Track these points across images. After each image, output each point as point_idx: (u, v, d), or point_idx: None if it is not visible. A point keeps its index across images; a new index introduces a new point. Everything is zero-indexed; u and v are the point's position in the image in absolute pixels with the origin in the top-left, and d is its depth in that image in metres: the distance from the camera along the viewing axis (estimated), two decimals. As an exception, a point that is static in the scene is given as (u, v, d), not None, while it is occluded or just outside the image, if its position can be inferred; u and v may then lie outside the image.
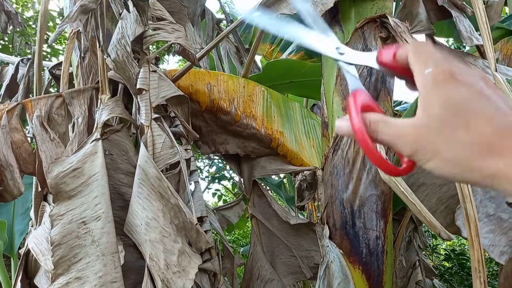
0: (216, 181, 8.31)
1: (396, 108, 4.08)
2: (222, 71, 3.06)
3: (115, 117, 1.79)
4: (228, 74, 2.18)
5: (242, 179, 2.41)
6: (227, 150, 2.22)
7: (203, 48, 2.48)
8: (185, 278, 1.55)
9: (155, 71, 1.63)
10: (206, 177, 8.83)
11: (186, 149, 1.81)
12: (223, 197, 8.65)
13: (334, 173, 1.55)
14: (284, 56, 4.39)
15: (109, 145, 1.68)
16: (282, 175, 5.89)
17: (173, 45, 1.88)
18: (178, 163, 1.68)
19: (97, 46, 1.55)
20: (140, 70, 1.59)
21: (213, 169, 8.65)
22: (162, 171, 1.68)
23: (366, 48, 1.48)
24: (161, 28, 1.58)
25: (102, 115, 1.61)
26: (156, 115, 1.61)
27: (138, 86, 1.58)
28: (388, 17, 1.41)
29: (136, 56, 1.78)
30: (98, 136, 1.60)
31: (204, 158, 8.60)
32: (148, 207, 1.58)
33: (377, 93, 1.49)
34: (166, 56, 7.70)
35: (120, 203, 1.75)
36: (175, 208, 1.62)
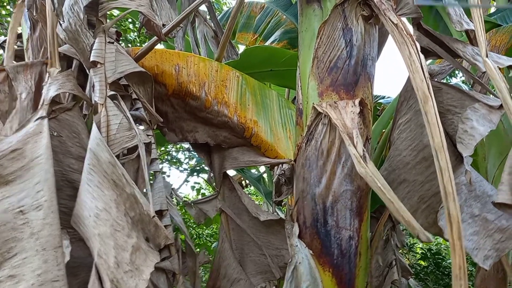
0: (195, 174, 8.10)
1: (379, 101, 3.98)
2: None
3: (67, 95, 1.60)
4: (200, 57, 2.01)
5: (212, 171, 2.24)
6: (196, 138, 2.05)
7: (181, 27, 2.30)
8: (138, 278, 1.38)
9: (112, 43, 1.45)
10: (185, 169, 8.63)
11: (147, 135, 1.63)
12: (203, 191, 8.47)
13: (306, 165, 1.40)
14: (267, 45, 4.23)
15: (58, 125, 1.49)
16: (262, 169, 5.76)
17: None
18: (136, 148, 1.51)
19: (49, 10, 1.36)
20: (95, 41, 1.41)
21: (193, 162, 8.44)
22: (118, 156, 1.50)
23: (346, 27, 1.33)
24: (119, -6, 1.39)
25: (49, 91, 1.42)
26: (112, 93, 1.43)
27: (92, 59, 1.40)
28: (373, -8, 1.27)
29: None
30: (44, 114, 1.41)
31: (184, 150, 8.40)
32: (98, 196, 1.40)
33: (356, 78, 1.34)
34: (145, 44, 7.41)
35: (69, 191, 1.56)
36: (131, 198, 1.45)
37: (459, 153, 1.41)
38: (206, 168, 7.72)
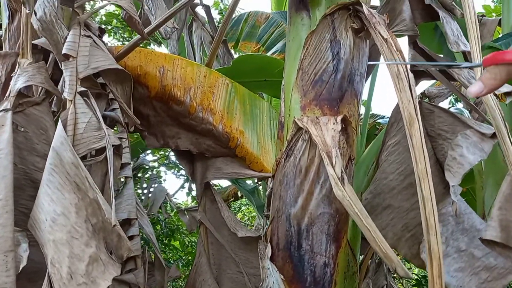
0: (191, 180, 7.94)
1: (378, 121, 3.90)
2: (194, 60, 2.81)
3: (40, 90, 1.52)
4: (188, 60, 1.93)
5: (193, 180, 2.15)
6: (178, 145, 1.96)
7: (176, 28, 2.23)
8: (93, 291, 1.28)
9: (88, 36, 1.37)
10: (182, 175, 8.51)
11: (120, 137, 1.54)
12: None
13: (283, 183, 1.31)
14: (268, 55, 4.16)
15: (24, 120, 1.41)
16: (257, 181, 5.65)
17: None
18: (105, 150, 1.42)
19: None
20: (68, 33, 1.33)
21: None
22: (84, 157, 1.41)
23: (334, 39, 1.24)
24: (98, -13, 1.32)
25: (17, 82, 1.34)
26: (83, 89, 1.35)
27: (64, 51, 1.32)
28: (363, 4, 1.18)
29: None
30: (9, 107, 1.32)
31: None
32: (57, 199, 1.31)
33: (341, 93, 1.25)
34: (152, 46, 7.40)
35: (31, 191, 1.47)
36: (93, 203, 1.35)
37: (448, 182, 1.31)
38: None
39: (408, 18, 1.47)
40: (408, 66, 1.03)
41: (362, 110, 3.75)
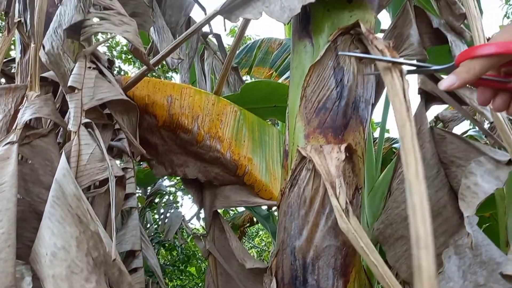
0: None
1: (394, 145, 3.81)
2: (205, 88, 2.84)
3: (49, 121, 1.54)
4: (196, 89, 1.94)
5: (202, 209, 2.11)
6: (186, 173, 1.94)
7: (181, 59, 2.25)
8: (92, 327, 1.24)
9: (95, 68, 1.39)
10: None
11: (126, 167, 1.54)
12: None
13: (288, 214, 1.26)
14: (280, 81, 4.19)
15: (31, 152, 1.42)
16: (268, 208, 5.59)
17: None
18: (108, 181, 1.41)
19: (23, 31, 1.32)
20: (74, 66, 1.35)
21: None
22: (88, 189, 1.41)
23: (338, 66, 1.22)
24: (105, 18, 1.34)
25: (24, 114, 1.36)
26: (87, 120, 1.35)
27: (69, 84, 1.34)
28: (361, 24, 1.15)
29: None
30: (15, 139, 1.34)
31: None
32: (58, 232, 1.29)
33: (346, 121, 1.21)
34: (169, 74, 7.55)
35: (35, 224, 1.46)
36: (95, 236, 1.33)
37: (464, 212, 1.24)
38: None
39: (416, 42, 1.44)
40: (404, 72, 0.94)
41: (377, 134, 3.68)
